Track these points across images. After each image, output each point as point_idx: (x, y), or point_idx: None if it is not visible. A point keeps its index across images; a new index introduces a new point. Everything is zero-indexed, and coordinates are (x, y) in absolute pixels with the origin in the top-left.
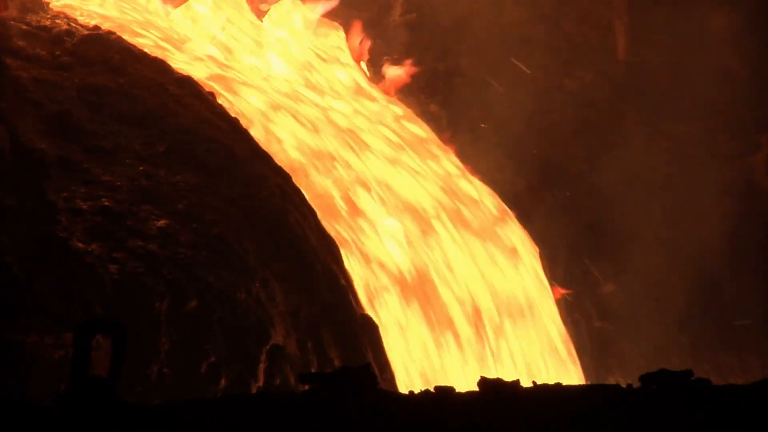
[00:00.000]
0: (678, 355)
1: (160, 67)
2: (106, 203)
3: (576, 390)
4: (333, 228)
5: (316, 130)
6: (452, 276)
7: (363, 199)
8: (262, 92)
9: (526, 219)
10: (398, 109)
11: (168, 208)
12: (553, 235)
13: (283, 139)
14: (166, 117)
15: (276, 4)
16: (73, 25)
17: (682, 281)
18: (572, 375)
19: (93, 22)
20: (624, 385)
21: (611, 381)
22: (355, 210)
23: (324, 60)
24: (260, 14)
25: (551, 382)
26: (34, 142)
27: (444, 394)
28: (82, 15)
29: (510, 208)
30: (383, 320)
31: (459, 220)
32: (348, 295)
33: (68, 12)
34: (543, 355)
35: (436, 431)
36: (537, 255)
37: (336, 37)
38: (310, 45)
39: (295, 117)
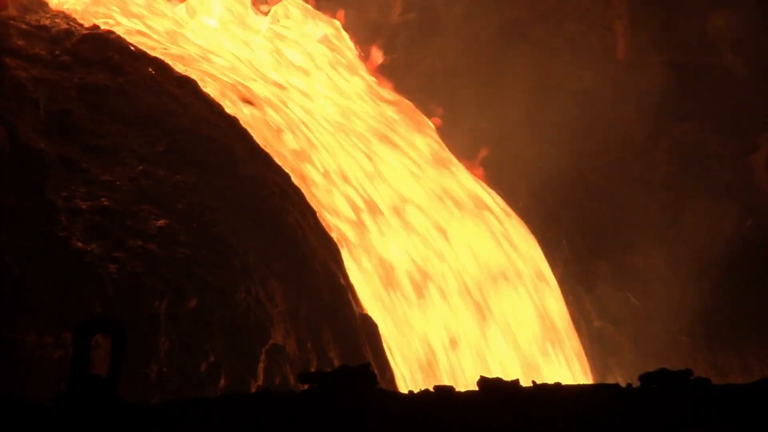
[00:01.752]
0: (677, 355)
1: (159, 66)
2: (105, 203)
3: (576, 389)
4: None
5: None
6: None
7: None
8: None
9: (526, 219)
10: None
11: (167, 207)
12: (552, 235)
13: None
14: (166, 116)
15: (276, 5)
16: (73, 24)
17: (682, 281)
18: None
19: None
20: (624, 385)
21: (611, 380)
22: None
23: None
24: (261, 14)
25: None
26: (33, 141)
27: (444, 393)
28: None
29: (510, 207)
30: None
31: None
32: (347, 295)
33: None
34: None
35: (435, 430)
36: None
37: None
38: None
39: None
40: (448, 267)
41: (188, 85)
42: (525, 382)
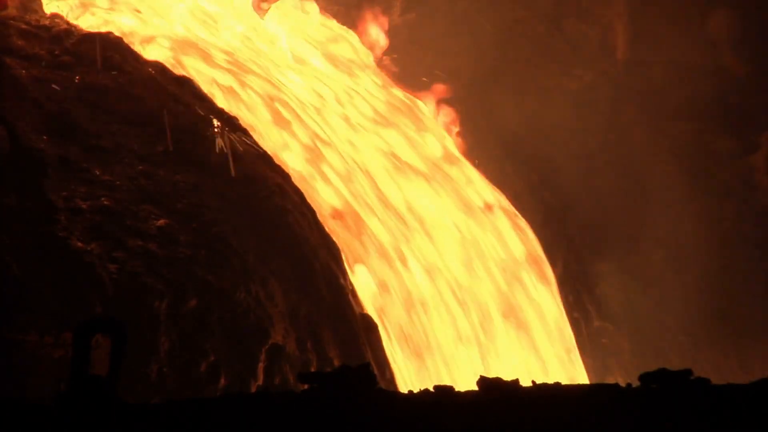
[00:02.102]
0: (677, 355)
1: (159, 66)
2: (105, 203)
3: (575, 389)
4: None
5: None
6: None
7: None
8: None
9: (525, 218)
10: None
11: (167, 207)
12: (552, 234)
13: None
14: (166, 116)
15: (276, 3)
16: (73, 24)
17: (682, 281)
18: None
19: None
20: (623, 385)
21: (611, 380)
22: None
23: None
24: (262, 13)
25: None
26: (33, 141)
27: (443, 393)
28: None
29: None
30: None
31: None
32: (347, 294)
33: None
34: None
35: (435, 430)
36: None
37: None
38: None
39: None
40: None
41: (188, 84)
42: None
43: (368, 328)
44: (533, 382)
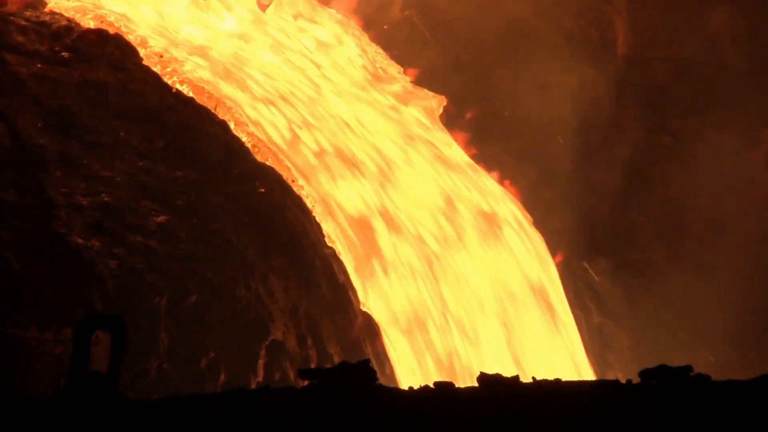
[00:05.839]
0: (677, 351)
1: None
2: (105, 199)
3: (575, 385)
4: None
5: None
6: None
7: None
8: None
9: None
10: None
11: (168, 203)
12: (552, 230)
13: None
14: (166, 112)
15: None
16: (73, 20)
17: (681, 277)
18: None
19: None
20: (623, 381)
21: (611, 376)
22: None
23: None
24: (263, 8)
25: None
26: (33, 137)
27: (444, 389)
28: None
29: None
30: None
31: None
32: (347, 291)
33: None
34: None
35: (435, 426)
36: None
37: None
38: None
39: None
40: None
41: (188, 81)
42: None
43: (368, 324)
44: (533, 378)
